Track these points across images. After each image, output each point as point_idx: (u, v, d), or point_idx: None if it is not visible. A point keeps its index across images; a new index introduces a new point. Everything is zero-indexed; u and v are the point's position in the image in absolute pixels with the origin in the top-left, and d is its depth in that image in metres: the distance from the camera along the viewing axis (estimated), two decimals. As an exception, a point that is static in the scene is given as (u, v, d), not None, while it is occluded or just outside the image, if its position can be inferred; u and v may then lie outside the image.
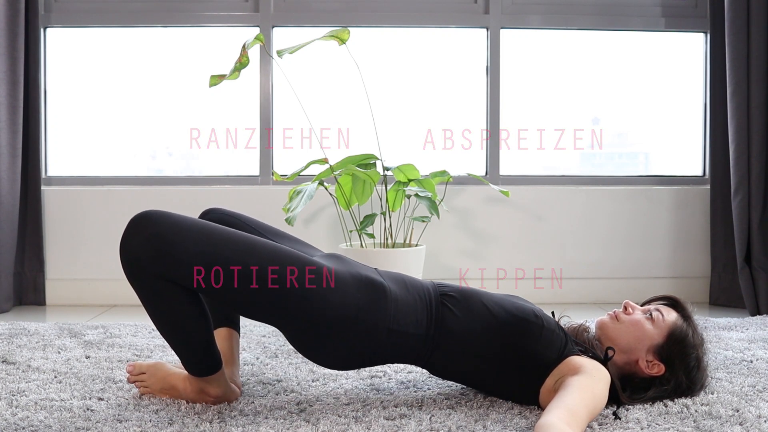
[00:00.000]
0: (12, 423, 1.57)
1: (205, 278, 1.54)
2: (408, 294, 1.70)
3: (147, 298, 1.59)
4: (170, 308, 1.59)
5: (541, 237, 3.37)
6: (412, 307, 1.68)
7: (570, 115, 3.58)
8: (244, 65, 2.64)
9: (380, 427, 1.55)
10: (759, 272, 3.07)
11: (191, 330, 1.62)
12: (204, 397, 1.71)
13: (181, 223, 1.55)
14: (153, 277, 1.54)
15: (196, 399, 1.72)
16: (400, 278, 1.75)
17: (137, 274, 1.55)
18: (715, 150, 3.26)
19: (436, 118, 3.53)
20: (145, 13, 3.38)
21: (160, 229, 1.53)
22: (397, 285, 1.71)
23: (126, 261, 1.55)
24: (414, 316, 1.67)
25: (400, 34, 3.50)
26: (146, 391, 1.79)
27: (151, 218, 1.54)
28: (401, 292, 1.69)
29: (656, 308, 1.76)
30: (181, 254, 1.52)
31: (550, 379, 1.64)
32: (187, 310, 1.60)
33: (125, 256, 1.55)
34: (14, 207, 3.13)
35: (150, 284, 1.55)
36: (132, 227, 1.55)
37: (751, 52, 3.06)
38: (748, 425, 1.57)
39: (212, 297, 1.59)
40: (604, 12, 3.43)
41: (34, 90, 3.22)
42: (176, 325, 1.62)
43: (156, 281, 1.54)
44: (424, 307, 1.69)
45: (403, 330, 1.65)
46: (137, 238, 1.53)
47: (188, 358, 1.67)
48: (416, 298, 1.70)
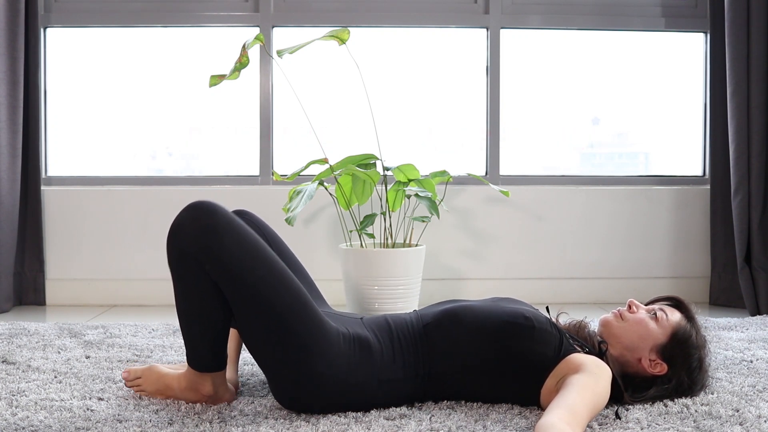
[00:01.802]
0: (12, 423, 1.57)
1: (232, 284, 1.58)
2: (393, 340, 1.69)
3: (180, 279, 1.63)
4: (200, 296, 1.62)
5: (541, 237, 3.37)
6: (399, 351, 1.68)
7: (570, 115, 3.58)
8: (244, 65, 2.64)
9: (380, 427, 1.55)
10: (759, 272, 3.07)
11: (212, 322, 1.64)
12: (196, 394, 1.71)
13: (237, 227, 1.61)
14: (194, 262, 1.58)
15: (189, 396, 1.71)
16: (383, 323, 1.74)
17: (180, 256, 1.60)
18: (715, 150, 3.26)
19: (436, 118, 3.53)
20: (145, 13, 3.38)
21: (218, 223, 1.58)
22: (382, 332, 1.71)
23: (174, 240, 1.61)
24: (401, 359, 1.67)
25: (400, 34, 3.50)
26: (143, 394, 1.79)
27: (212, 210, 1.60)
28: (386, 340, 1.69)
29: (660, 308, 1.77)
30: (225, 255, 1.57)
31: (551, 380, 1.63)
32: (215, 303, 1.62)
33: (175, 237, 1.61)
34: (14, 207, 3.13)
35: (188, 267, 1.60)
36: (192, 211, 1.61)
37: (751, 52, 3.06)
38: (748, 425, 1.57)
39: (230, 302, 1.61)
40: (604, 12, 3.43)
41: (34, 90, 3.22)
42: (199, 313, 1.63)
43: (195, 267, 1.59)
44: (410, 347, 1.69)
45: (393, 378, 1.66)
46: (194, 223, 1.59)
47: (197, 350, 1.67)
48: (402, 341, 1.69)
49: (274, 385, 1.65)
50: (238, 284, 1.58)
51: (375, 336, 1.69)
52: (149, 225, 3.31)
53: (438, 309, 1.77)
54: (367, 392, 1.64)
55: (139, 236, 3.31)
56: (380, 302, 2.73)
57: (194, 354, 1.68)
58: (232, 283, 1.58)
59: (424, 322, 1.73)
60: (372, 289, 2.74)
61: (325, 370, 1.59)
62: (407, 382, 1.67)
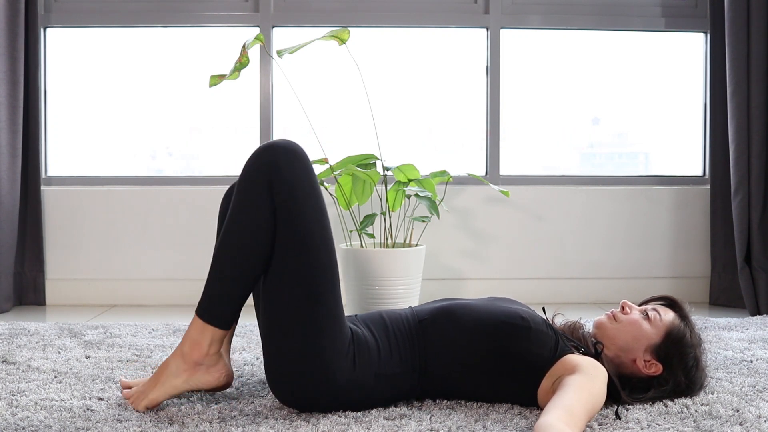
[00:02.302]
0: (12, 423, 1.57)
1: (294, 225, 1.59)
2: (389, 334, 1.69)
3: (241, 206, 1.62)
4: (252, 229, 1.61)
5: (541, 237, 3.37)
6: (395, 346, 1.68)
7: (570, 115, 3.58)
8: (244, 65, 2.64)
9: (380, 427, 1.55)
10: (759, 272, 3.07)
11: (248, 264, 1.62)
12: (195, 353, 1.65)
13: (316, 185, 1.65)
14: (267, 189, 1.59)
15: (188, 354, 1.65)
16: (378, 318, 1.74)
17: (258, 178, 1.60)
18: (715, 150, 3.26)
19: (436, 118, 3.53)
20: (145, 13, 3.38)
21: (311, 168, 1.63)
22: (377, 328, 1.70)
23: (259, 159, 1.61)
24: (398, 354, 1.67)
25: (400, 34, 3.50)
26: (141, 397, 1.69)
27: (307, 158, 1.64)
28: (382, 336, 1.69)
29: (653, 308, 1.76)
30: (307, 196, 1.60)
31: (547, 381, 1.63)
32: (261, 243, 1.61)
33: (263, 155, 1.61)
34: (14, 207, 3.13)
35: (258, 193, 1.60)
36: (288, 145, 1.62)
37: (751, 52, 3.06)
38: (748, 425, 1.57)
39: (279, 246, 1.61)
40: (604, 12, 3.43)
41: (34, 90, 3.22)
42: (241, 247, 1.61)
43: (265, 195, 1.59)
44: (406, 342, 1.69)
45: (390, 372, 1.66)
46: (290, 155, 1.61)
47: (216, 295, 1.64)
48: (397, 335, 1.69)
49: (277, 375, 1.63)
50: (301, 229, 1.59)
51: (370, 331, 1.69)
52: (149, 225, 3.31)
53: (434, 305, 1.77)
54: (365, 387, 1.64)
55: (139, 236, 3.31)
56: (380, 302, 2.73)
57: (209, 300, 1.64)
58: (295, 225, 1.58)
59: (419, 317, 1.73)
60: (372, 289, 2.74)
61: (331, 356, 1.59)
62: (405, 377, 1.67)
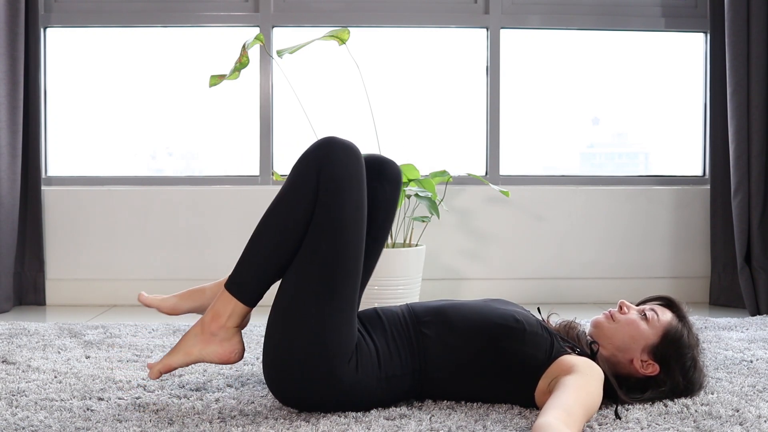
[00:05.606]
0: (12, 423, 1.57)
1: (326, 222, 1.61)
2: (387, 337, 1.69)
3: (292, 188, 1.64)
4: (294, 213, 1.63)
5: (541, 237, 3.37)
6: (394, 348, 1.68)
7: (570, 115, 3.58)
8: (244, 65, 2.65)
9: (380, 427, 1.55)
10: (759, 272, 3.07)
11: (285, 244, 1.64)
12: (214, 324, 1.67)
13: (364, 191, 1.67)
14: (315, 181, 1.62)
15: (207, 324, 1.68)
16: (376, 318, 1.74)
17: (312, 168, 1.62)
18: (715, 150, 3.26)
19: (436, 118, 3.53)
20: (145, 13, 3.38)
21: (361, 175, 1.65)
22: (375, 330, 1.70)
23: (317, 153, 1.64)
24: (398, 357, 1.67)
25: (400, 34, 3.50)
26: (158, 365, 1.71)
27: (362, 163, 1.66)
28: (381, 339, 1.68)
29: (651, 308, 1.75)
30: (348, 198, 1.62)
31: (543, 381, 1.63)
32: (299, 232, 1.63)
33: (321, 150, 1.64)
34: (14, 207, 3.13)
35: (307, 183, 1.62)
36: (349, 147, 1.65)
37: (751, 52, 3.06)
38: (748, 425, 1.57)
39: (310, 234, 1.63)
40: (604, 12, 3.43)
41: (34, 90, 3.22)
42: (283, 228, 1.64)
43: (313, 185, 1.62)
44: (404, 343, 1.69)
45: (391, 374, 1.66)
46: (348, 158, 1.64)
47: (249, 270, 1.66)
48: (396, 338, 1.69)
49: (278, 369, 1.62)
50: (337, 221, 1.61)
51: (369, 335, 1.69)
52: (149, 225, 3.31)
53: (430, 306, 1.76)
54: (367, 389, 1.64)
55: (139, 236, 3.31)
56: (380, 302, 2.73)
57: (239, 274, 1.66)
58: (332, 215, 1.61)
59: (416, 318, 1.72)
60: (372, 289, 2.74)
61: (336, 352, 1.59)
62: (404, 378, 1.67)
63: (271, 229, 1.66)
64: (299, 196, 1.64)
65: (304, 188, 1.63)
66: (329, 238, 1.62)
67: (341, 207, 1.62)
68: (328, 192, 1.62)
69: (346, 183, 1.62)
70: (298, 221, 1.63)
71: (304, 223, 1.64)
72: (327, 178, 1.62)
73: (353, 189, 1.63)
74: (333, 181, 1.62)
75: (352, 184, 1.63)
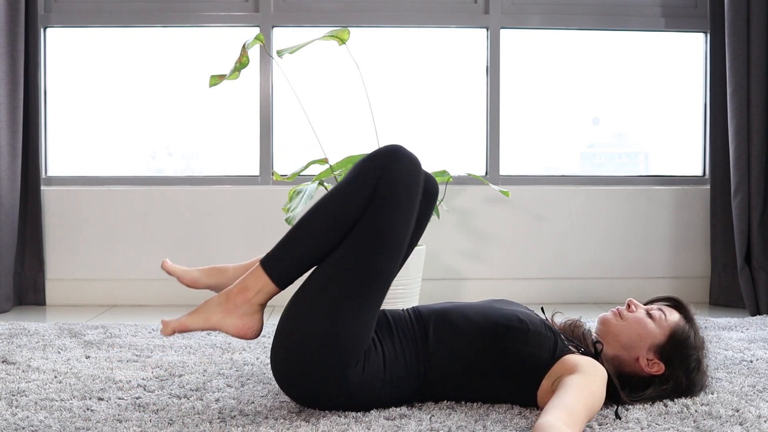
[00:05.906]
0: (12, 423, 1.57)
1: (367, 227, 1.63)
2: (394, 339, 1.70)
3: (351, 184, 1.66)
4: (346, 207, 1.64)
5: (541, 237, 3.37)
6: (400, 350, 1.68)
7: (570, 115, 3.58)
8: (244, 65, 2.64)
9: (380, 427, 1.55)
10: (759, 272, 3.07)
11: (328, 236, 1.65)
12: (240, 296, 1.68)
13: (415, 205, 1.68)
14: (373, 183, 1.63)
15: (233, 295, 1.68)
16: (383, 318, 1.74)
17: (375, 170, 1.64)
18: (715, 150, 3.26)
19: (436, 118, 3.53)
20: (145, 13, 3.38)
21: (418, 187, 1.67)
22: (382, 331, 1.71)
23: (384, 158, 1.65)
24: (403, 359, 1.68)
25: (400, 34, 3.50)
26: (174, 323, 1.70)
27: (419, 176, 1.68)
28: (387, 341, 1.69)
29: (659, 308, 1.77)
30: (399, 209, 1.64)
31: (547, 381, 1.63)
32: (346, 226, 1.64)
33: (389, 155, 1.65)
34: (14, 207, 3.13)
35: (366, 184, 1.64)
36: (415, 162, 1.68)
37: (751, 52, 3.06)
38: (748, 425, 1.57)
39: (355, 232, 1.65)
40: (604, 12, 3.43)
41: (34, 90, 3.22)
42: (329, 220, 1.65)
43: (372, 185, 1.63)
44: (410, 344, 1.69)
45: (396, 377, 1.66)
46: (412, 168, 1.66)
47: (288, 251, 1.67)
48: (402, 340, 1.70)
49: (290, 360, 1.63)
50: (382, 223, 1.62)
51: (377, 336, 1.69)
52: (149, 225, 3.31)
53: (434, 308, 1.77)
54: (373, 391, 1.64)
55: (139, 236, 3.31)
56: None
57: (278, 254, 1.67)
58: (378, 218, 1.62)
59: (421, 321, 1.73)
60: (372, 289, 2.73)
61: (349, 347, 1.60)
62: (409, 380, 1.68)
63: (320, 219, 1.67)
64: (355, 193, 1.65)
65: (363, 188, 1.64)
66: (371, 242, 1.63)
67: (391, 215, 1.63)
68: (383, 198, 1.63)
69: (402, 193, 1.64)
70: (347, 217, 1.64)
71: (353, 219, 1.64)
72: (386, 184, 1.63)
73: (407, 201, 1.65)
74: (391, 187, 1.63)
75: (407, 196, 1.65)
